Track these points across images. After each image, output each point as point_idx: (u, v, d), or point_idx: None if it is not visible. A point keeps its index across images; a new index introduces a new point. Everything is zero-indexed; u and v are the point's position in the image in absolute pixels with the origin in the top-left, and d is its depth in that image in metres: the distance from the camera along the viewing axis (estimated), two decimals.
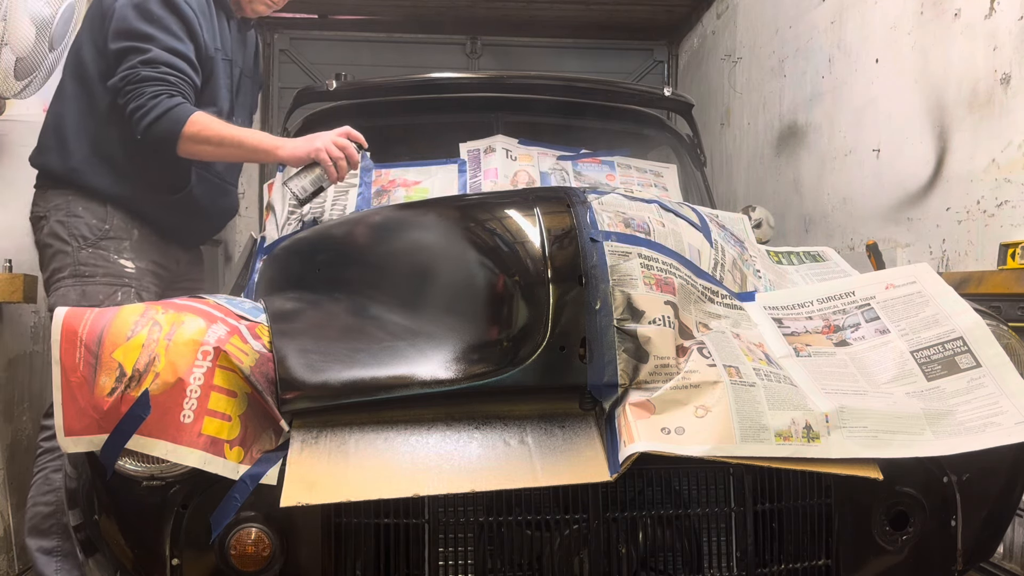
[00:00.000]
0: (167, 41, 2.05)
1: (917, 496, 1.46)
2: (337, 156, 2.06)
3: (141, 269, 2.16)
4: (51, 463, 2.09)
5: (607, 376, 1.36)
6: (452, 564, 1.36)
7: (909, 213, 3.02)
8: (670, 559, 1.42)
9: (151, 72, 2.01)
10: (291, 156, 2.08)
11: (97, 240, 2.12)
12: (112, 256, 2.12)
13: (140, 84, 2.00)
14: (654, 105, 3.15)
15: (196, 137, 2.01)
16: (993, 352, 1.49)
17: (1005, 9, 2.53)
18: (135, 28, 2.04)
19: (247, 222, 5.69)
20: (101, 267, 2.11)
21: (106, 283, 2.10)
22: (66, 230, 2.11)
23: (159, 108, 1.99)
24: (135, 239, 2.16)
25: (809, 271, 1.95)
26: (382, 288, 1.64)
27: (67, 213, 2.12)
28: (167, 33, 2.06)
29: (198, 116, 2.03)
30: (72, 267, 2.10)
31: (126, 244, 2.14)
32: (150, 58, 2.02)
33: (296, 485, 1.27)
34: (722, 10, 5.19)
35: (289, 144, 2.10)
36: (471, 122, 2.75)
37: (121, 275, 2.13)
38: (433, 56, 5.93)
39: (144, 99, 1.99)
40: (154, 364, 1.30)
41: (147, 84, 2.00)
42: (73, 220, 2.11)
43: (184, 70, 2.08)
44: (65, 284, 2.10)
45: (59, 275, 2.11)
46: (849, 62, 3.48)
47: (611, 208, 1.56)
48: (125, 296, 2.11)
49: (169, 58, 2.05)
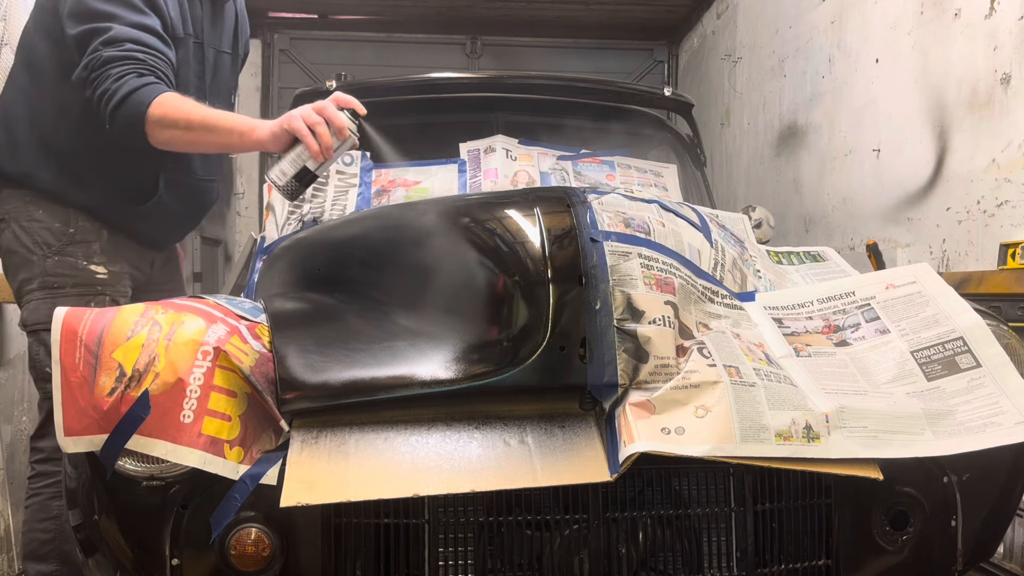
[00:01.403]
0: (128, 16, 1.82)
1: (917, 496, 1.46)
2: (315, 121, 1.72)
3: (115, 273, 1.97)
4: (46, 489, 1.97)
5: (607, 376, 1.36)
6: (452, 564, 1.36)
7: (909, 213, 3.02)
8: (670, 559, 1.42)
9: (114, 52, 1.76)
10: (268, 134, 1.78)
11: (62, 246, 1.91)
12: (81, 263, 1.92)
13: (103, 67, 1.76)
14: (654, 105, 3.15)
15: (163, 120, 1.74)
16: (993, 352, 1.49)
17: (1005, 9, 2.53)
18: (92, 8, 1.81)
19: (247, 222, 5.70)
20: (70, 276, 1.92)
21: (77, 294, 1.91)
22: (29, 237, 1.91)
23: (123, 89, 1.73)
24: (104, 240, 1.96)
25: (809, 271, 1.95)
26: (382, 288, 1.64)
27: (27, 217, 1.91)
28: (128, 8, 1.83)
29: (165, 97, 1.76)
30: (40, 278, 1.91)
31: (95, 247, 1.94)
32: (111, 36, 1.77)
33: (296, 485, 1.27)
34: (722, 10, 5.19)
35: (266, 123, 1.81)
36: (471, 122, 2.75)
37: (92, 283, 1.94)
38: (433, 56, 5.94)
39: (108, 82, 1.75)
40: (154, 364, 1.30)
41: (112, 65, 1.75)
42: (33, 225, 1.91)
43: (153, 45, 1.82)
44: (36, 297, 1.92)
45: (28, 286, 1.93)
46: (849, 62, 3.48)
47: (611, 208, 1.56)
48: (99, 304, 1.91)
49: (134, 33, 1.80)
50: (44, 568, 2.03)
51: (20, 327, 1.99)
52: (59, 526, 1.98)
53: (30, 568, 2.03)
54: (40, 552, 2.02)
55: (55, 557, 2.01)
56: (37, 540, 2.01)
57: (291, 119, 1.74)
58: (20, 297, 1.98)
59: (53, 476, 1.96)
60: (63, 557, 2.00)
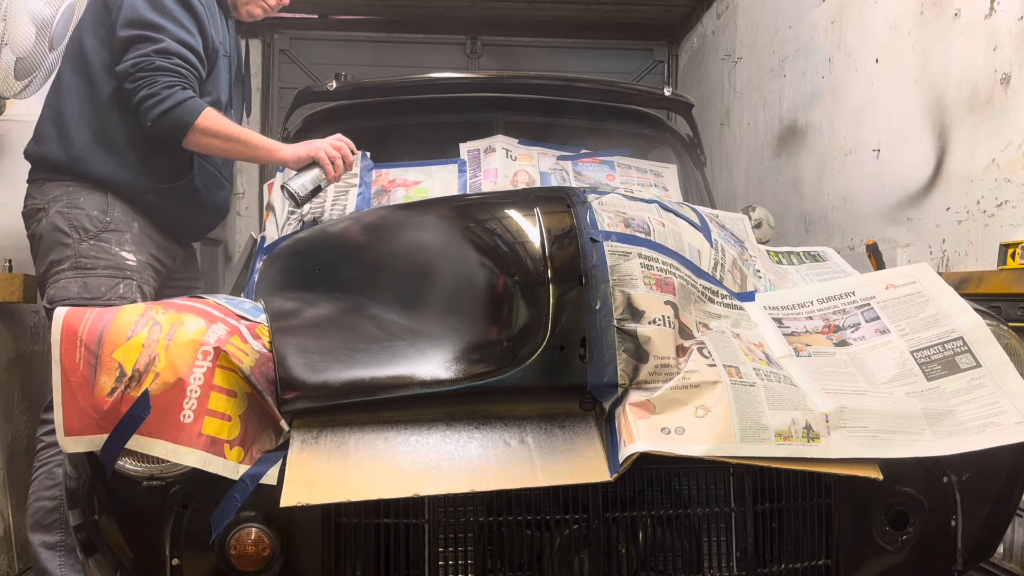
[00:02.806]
0: (178, 33, 2.08)
1: (917, 496, 1.46)
2: (334, 155, 2.16)
3: (141, 262, 2.15)
4: (53, 457, 2.08)
5: (607, 376, 1.36)
6: (452, 564, 1.36)
7: (909, 213, 3.02)
8: (670, 559, 1.42)
9: (164, 62, 2.03)
10: (292, 155, 2.16)
11: (98, 232, 2.10)
12: (113, 248, 2.11)
13: (153, 73, 2.02)
14: (654, 105, 3.15)
15: (208, 131, 2.06)
16: (993, 352, 1.49)
17: (1005, 9, 2.53)
18: (146, 18, 2.06)
19: (247, 222, 5.70)
20: (103, 259, 2.09)
21: (108, 275, 2.09)
22: (67, 221, 2.09)
23: (173, 99, 2.02)
24: (135, 231, 2.16)
25: (809, 271, 1.95)
26: (382, 288, 1.64)
27: (68, 204, 2.10)
28: (177, 25, 2.08)
29: (211, 111, 2.07)
30: (73, 259, 2.08)
31: (127, 237, 2.14)
32: (163, 48, 2.04)
33: (296, 485, 1.27)
34: (722, 10, 5.19)
35: (290, 146, 2.19)
36: (471, 122, 2.76)
37: (123, 267, 2.12)
38: (433, 56, 5.94)
39: (157, 87, 2.01)
40: (154, 364, 1.30)
41: (161, 74, 2.02)
42: (74, 212, 2.10)
43: (194, 63, 2.10)
44: (65, 276, 2.08)
45: (58, 267, 2.09)
46: (849, 62, 3.48)
47: (611, 208, 1.56)
48: (127, 288, 2.10)
49: (180, 50, 2.07)
50: (49, 539, 2.08)
51: (45, 305, 2.12)
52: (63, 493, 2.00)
53: (35, 539, 2.11)
54: (45, 522, 2.09)
55: (59, 527, 2.08)
56: (43, 509, 2.09)
57: (317, 151, 2.16)
58: (46, 278, 2.12)
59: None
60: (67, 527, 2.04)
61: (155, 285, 2.21)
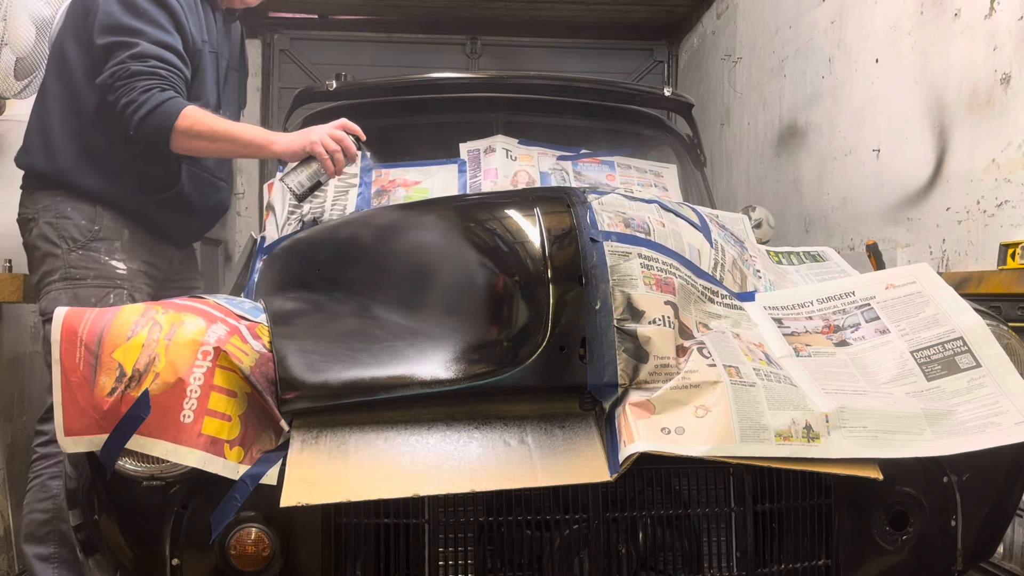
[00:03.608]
0: (155, 34, 2.02)
1: (917, 496, 1.46)
2: (333, 149, 2.04)
3: (133, 270, 2.13)
4: (47, 469, 2.07)
5: (607, 376, 1.36)
6: (452, 564, 1.36)
7: (909, 213, 3.02)
8: (670, 559, 1.42)
9: (141, 66, 1.97)
10: (286, 150, 2.05)
11: (87, 242, 2.08)
12: (103, 258, 2.09)
13: (130, 79, 1.96)
14: (654, 105, 3.15)
15: (189, 131, 1.98)
16: (993, 352, 1.49)
17: (1005, 9, 2.53)
18: (121, 22, 2.00)
19: (247, 222, 5.69)
20: (92, 269, 2.07)
21: (97, 285, 2.07)
22: (55, 232, 2.07)
23: (151, 102, 1.95)
24: (125, 239, 2.13)
25: (809, 271, 1.95)
26: (382, 288, 1.64)
27: (56, 215, 2.08)
28: (154, 26, 2.02)
29: (191, 110, 1.99)
30: (62, 270, 2.07)
31: (116, 245, 2.11)
32: (139, 52, 1.98)
33: (296, 485, 1.27)
34: (722, 10, 5.19)
35: (284, 138, 2.07)
36: (471, 122, 2.75)
37: (112, 276, 2.09)
38: (433, 56, 5.93)
39: (135, 94, 1.96)
40: (154, 364, 1.30)
41: (137, 78, 1.96)
42: (62, 222, 2.08)
43: (174, 63, 2.04)
44: (55, 287, 2.06)
45: (49, 278, 2.08)
46: (849, 62, 3.48)
47: (611, 208, 1.56)
48: (117, 298, 2.07)
49: (158, 51, 2.01)
50: (42, 551, 2.07)
51: (40, 315, 2.11)
52: (57, 505, 2.02)
53: (29, 551, 2.09)
54: (39, 534, 2.08)
55: (53, 539, 2.07)
56: (36, 521, 2.08)
57: (313, 144, 2.02)
58: (40, 289, 2.11)
59: (55, 457, 2.03)
60: (61, 539, 2.04)
61: (149, 291, 2.18)
